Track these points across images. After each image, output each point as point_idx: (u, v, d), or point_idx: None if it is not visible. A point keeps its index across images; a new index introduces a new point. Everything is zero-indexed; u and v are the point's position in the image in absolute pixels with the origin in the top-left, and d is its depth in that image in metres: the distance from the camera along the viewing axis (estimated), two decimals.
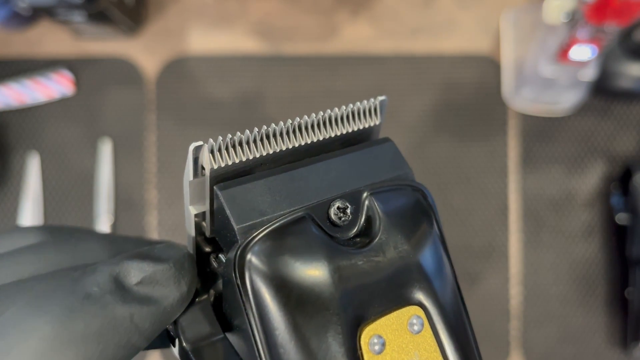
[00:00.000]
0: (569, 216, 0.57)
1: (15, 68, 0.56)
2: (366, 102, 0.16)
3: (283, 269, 0.12)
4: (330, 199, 0.14)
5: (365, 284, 0.13)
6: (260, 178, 0.14)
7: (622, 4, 0.41)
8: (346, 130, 0.15)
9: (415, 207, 0.15)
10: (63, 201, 0.56)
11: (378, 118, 0.16)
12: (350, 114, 0.16)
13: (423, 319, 0.14)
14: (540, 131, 0.57)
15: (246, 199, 0.14)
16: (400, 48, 0.57)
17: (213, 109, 0.56)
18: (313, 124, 0.15)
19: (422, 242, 0.14)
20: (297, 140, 0.15)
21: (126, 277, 0.13)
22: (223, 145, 0.14)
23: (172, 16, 0.57)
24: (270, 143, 0.15)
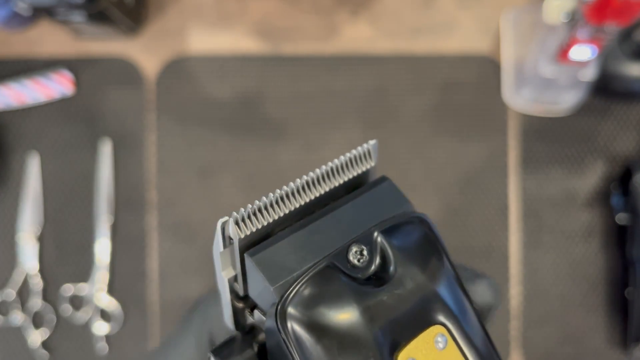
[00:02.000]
0: (569, 216, 0.57)
1: (15, 68, 0.56)
2: (360, 149, 0.18)
3: (320, 317, 0.14)
4: (347, 245, 0.16)
5: (392, 317, 0.15)
6: (283, 238, 0.16)
7: (622, 3, 0.41)
8: (347, 178, 0.17)
9: (422, 237, 0.17)
10: (63, 201, 0.56)
11: (372, 160, 0.19)
12: (348, 163, 0.18)
13: (446, 335, 0.15)
14: (540, 131, 0.57)
15: (275, 260, 0.15)
16: (400, 48, 0.57)
17: (213, 109, 0.56)
18: (318, 179, 0.17)
19: (434, 268, 0.16)
20: (307, 196, 0.17)
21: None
22: (245, 214, 0.16)
23: (172, 16, 0.57)
24: (285, 203, 0.17)
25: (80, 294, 0.56)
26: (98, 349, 0.55)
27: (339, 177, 0.17)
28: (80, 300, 0.56)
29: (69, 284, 0.56)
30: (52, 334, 0.55)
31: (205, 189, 0.56)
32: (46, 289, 0.56)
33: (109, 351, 0.55)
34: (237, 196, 0.56)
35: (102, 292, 0.55)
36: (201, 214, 0.56)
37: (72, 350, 0.56)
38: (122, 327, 0.56)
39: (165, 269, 0.56)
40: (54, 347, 0.56)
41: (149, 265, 0.56)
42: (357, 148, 0.18)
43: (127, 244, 0.56)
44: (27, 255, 0.55)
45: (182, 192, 0.56)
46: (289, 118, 0.56)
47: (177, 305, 0.56)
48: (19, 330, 0.56)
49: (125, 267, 0.56)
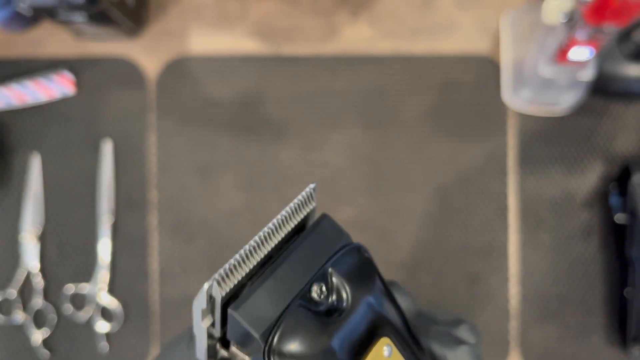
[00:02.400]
0: (568, 216, 0.57)
1: (17, 69, 0.57)
2: (302, 195, 0.21)
3: (297, 349, 0.18)
4: (308, 285, 0.19)
5: (353, 338, 0.18)
6: (255, 289, 0.19)
7: (621, 4, 0.41)
8: (295, 222, 0.21)
9: (362, 263, 0.21)
10: (64, 201, 0.56)
11: (313, 202, 0.21)
12: (295, 209, 0.21)
13: (391, 345, 0.19)
14: (539, 131, 0.57)
15: (254, 311, 0.18)
16: (400, 48, 0.57)
17: (213, 109, 0.56)
18: (274, 230, 0.20)
19: (374, 288, 0.20)
20: (268, 245, 0.20)
21: None
22: (224, 274, 0.19)
23: (173, 17, 0.57)
24: (252, 257, 0.19)
25: (81, 293, 0.56)
26: (99, 348, 0.56)
27: (289, 224, 0.20)
28: (81, 299, 0.56)
29: (70, 284, 0.56)
30: (53, 332, 0.56)
31: (205, 189, 0.56)
32: (47, 288, 0.56)
33: (110, 350, 0.56)
34: (237, 196, 0.56)
35: (103, 291, 0.56)
36: (201, 214, 0.56)
37: (73, 349, 0.56)
38: (122, 326, 0.56)
39: (166, 269, 0.56)
40: (55, 345, 0.56)
41: (149, 264, 0.56)
42: (299, 195, 0.21)
43: (128, 243, 0.56)
44: (29, 255, 0.55)
45: (182, 192, 0.56)
46: (289, 118, 0.56)
47: (178, 304, 0.56)
48: (21, 329, 0.56)
49: (126, 266, 0.56)
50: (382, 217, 0.56)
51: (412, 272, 0.56)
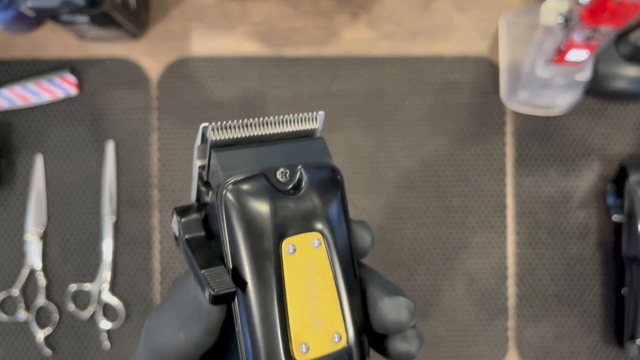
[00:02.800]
0: (566, 216, 0.57)
1: (20, 70, 0.57)
2: (310, 113, 0.24)
3: (243, 202, 0.21)
4: (277, 166, 0.22)
5: (289, 215, 0.21)
6: (239, 149, 0.23)
7: (618, 6, 0.41)
8: (294, 129, 0.23)
9: (329, 178, 0.23)
10: (65, 201, 0.56)
11: (317, 124, 0.24)
12: (298, 119, 0.23)
13: (321, 240, 0.22)
14: (537, 132, 0.57)
15: (230, 160, 0.22)
16: (399, 50, 0.57)
17: (214, 110, 0.57)
18: (276, 122, 0.23)
19: (330, 199, 0.23)
20: (266, 129, 0.23)
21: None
22: (222, 125, 0.22)
23: (175, 18, 0.57)
24: (249, 129, 0.23)
25: (84, 292, 0.56)
26: (101, 346, 0.56)
27: (289, 125, 0.23)
28: (83, 297, 0.56)
29: (72, 283, 0.56)
30: (55, 331, 0.56)
31: None
32: (50, 287, 0.56)
33: (112, 348, 0.56)
34: None
35: (105, 289, 0.56)
36: None
37: (75, 346, 0.56)
38: (124, 324, 0.56)
39: (167, 268, 0.56)
40: (57, 343, 0.56)
41: (151, 263, 0.56)
42: (307, 112, 0.24)
43: (130, 243, 0.56)
44: (31, 254, 0.56)
45: (184, 191, 0.57)
46: None
47: None
48: (23, 327, 0.56)
49: (128, 265, 0.56)
50: (381, 216, 0.57)
51: (411, 271, 0.57)
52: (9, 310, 0.56)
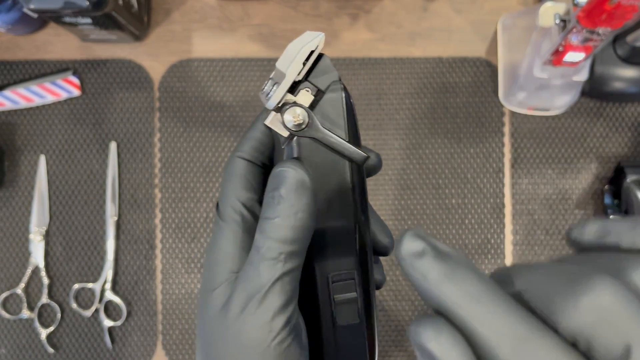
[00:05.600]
0: (564, 215, 0.58)
1: (23, 71, 0.58)
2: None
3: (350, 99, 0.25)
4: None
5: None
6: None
7: (616, 7, 0.42)
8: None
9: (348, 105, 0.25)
10: (68, 201, 0.57)
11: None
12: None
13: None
14: (535, 132, 0.58)
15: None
16: (399, 51, 0.58)
17: (215, 111, 0.57)
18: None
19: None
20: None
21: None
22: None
23: (176, 20, 0.58)
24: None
25: (86, 291, 0.57)
26: (102, 344, 0.57)
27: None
28: (85, 296, 0.57)
29: (75, 281, 0.57)
30: (58, 329, 0.57)
31: (208, 189, 0.57)
32: (52, 286, 0.57)
33: (114, 346, 0.57)
34: None
35: (107, 288, 0.56)
36: (204, 214, 0.57)
37: (77, 345, 0.57)
38: (126, 322, 0.57)
39: (169, 267, 0.57)
40: (60, 342, 0.57)
41: (153, 262, 0.57)
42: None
43: (132, 242, 0.57)
44: (35, 253, 0.56)
45: (185, 192, 0.57)
46: None
47: (180, 302, 0.57)
48: (26, 325, 0.57)
49: (130, 264, 0.57)
50: (380, 216, 0.57)
51: None
52: (12, 309, 0.57)
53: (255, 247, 0.23)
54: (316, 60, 0.25)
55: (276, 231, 0.22)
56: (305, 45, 0.24)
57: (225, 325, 0.22)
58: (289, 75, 0.24)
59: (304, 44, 0.24)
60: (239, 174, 0.25)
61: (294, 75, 0.24)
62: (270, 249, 0.22)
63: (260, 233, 0.23)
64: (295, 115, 0.24)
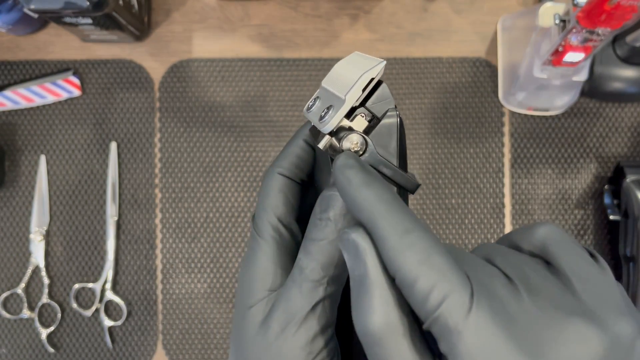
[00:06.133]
0: (563, 215, 0.58)
1: (24, 71, 0.58)
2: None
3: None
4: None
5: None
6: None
7: (615, 8, 0.42)
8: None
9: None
10: (69, 201, 0.57)
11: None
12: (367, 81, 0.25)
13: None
14: (534, 132, 0.58)
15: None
16: (399, 52, 0.58)
17: (215, 111, 0.57)
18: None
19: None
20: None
21: None
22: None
23: (177, 20, 0.58)
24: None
25: (86, 290, 0.57)
26: (103, 344, 0.57)
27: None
28: (85, 296, 0.57)
29: (75, 281, 0.57)
30: (58, 329, 0.57)
31: (208, 189, 0.57)
32: (53, 286, 0.57)
33: (114, 346, 0.57)
34: (240, 196, 0.57)
35: (107, 288, 0.57)
36: (204, 214, 0.57)
37: (77, 344, 0.57)
38: (126, 322, 0.57)
39: (169, 267, 0.57)
40: (60, 341, 0.57)
41: (153, 262, 0.57)
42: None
43: (132, 242, 0.57)
44: (34, 253, 0.57)
45: (186, 192, 0.57)
46: (290, 120, 0.57)
47: (180, 302, 0.57)
48: (27, 325, 0.57)
49: (130, 264, 0.57)
50: None
51: None
52: (13, 309, 0.57)
53: (298, 267, 0.23)
54: (375, 87, 0.25)
55: (322, 254, 0.22)
56: (366, 72, 0.24)
57: (264, 344, 0.22)
58: (348, 101, 0.24)
59: (364, 70, 0.24)
60: (277, 190, 0.25)
61: (353, 102, 0.24)
62: (314, 270, 0.22)
63: (305, 254, 0.23)
64: (353, 143, 0.24)
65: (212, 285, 0.57)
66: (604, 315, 0.18)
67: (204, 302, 0.57)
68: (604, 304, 0.19)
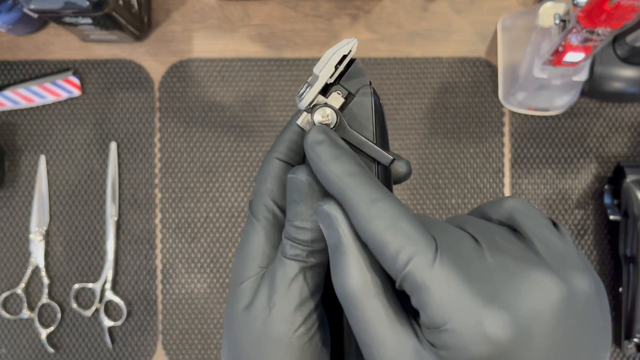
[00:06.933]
0: (563, 215, 0.58)
1: (24, 71, 0.58)
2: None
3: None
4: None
5: None
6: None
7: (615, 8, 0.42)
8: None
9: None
10: (68, 201, 0.57)
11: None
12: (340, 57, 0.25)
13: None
14: (534, 132, 0.58)
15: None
16: (398, 51, 0.58)
17: (215, 111, 0.57)
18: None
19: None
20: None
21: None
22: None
23: (176, 20, 0.58)
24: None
25: (86, 291, 0.57)
26: (102, 344, 0.57)
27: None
28: (85, 296, 0.57)
29: (74, 281, 0.57)
30: (57, 329, 0.57)
31: (208, 189, 0.57)
32: (52, 286, 0.57)
33: (113, 346, 0.57)
34: (240, 196, 0.57)
35: (107, 288, 0.57)
36: (204, 214, 0.57)
37: (77, 344, 0.57)
38: (126, 322, 0.57)
39: (169, 267, 0.57)
40: (60, 342, 0.57)
41: (153, 262, 0.57)
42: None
43: (132, 242, 0.57)
44: (34, 253, 0.57)
45: (186, 191, 0.57)
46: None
47: (180, 302, 0.57)
48: (26, 325, 0.57)
49: (130, 264, 0.57)
50: None
51: None
52: (12, 309, 0.57)
53: (280, 246, 0.24)
54: (349, 65, 0.26)
55: (296, 233, 0.23)
56: (338, 50, 0.25)
57: (250, 318, 0.23)
58: (321, 77, 0.25)
59: (337, 49, 0.25)
60: (274, 174, 0.26)
61: (326, 78, 0.25)
62: (293, 246, 0.23)
63: (284, 234, 0.24)
64: (324, 115, 0.25)
65: (212, 285, 0.57)
66: (563, 270, 0.20)
67: (204, 302, 0.57)
68: (564, 262, 0.21)
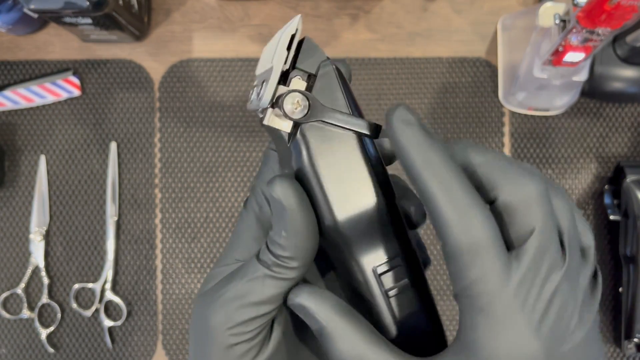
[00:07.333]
0: None
1: (24, 71, 0.58)
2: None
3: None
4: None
5: None
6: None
7: (615, 8, 0.42)
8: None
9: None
10: (68, 201, 0.57)
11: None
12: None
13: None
14: (534, 132, 0.58)
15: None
16: (398, 51, 0.58)
17: (215, 111, 0.57)
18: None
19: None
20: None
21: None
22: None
23: (177, 20, 0.58)
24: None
25: (86, 291, 0.57)
26: (102, 344, 0.57)
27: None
28: (85, 296, 0.57)
29: (74, 281, 0.57)
30: (57, 329, 0.57)
31: (208, 189, 0.57)
32: (52, 286, 0.57)
33: (113, 346, 0.57)
34: (240, 196, 0.57)
35: (107, 288, 0.57)
36: (204, 214, 0.57)
37: (77, 344, 0.57)
38: (126, 322, 0.57)
39: (169, 267, 0.57)
40: (60, 342, 0.57)
41: (153, 262, 0.57)
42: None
43: (131, 242, 0.57)
44: (34, 253, 0.57)
45: (186, 191, 0.57)
46: None
47: (180, 302, 0.57)
48: (26, 325, 0.57)
49: (129, 264, 0.57)
50: None
51: None
52: (12, 309, 0.57)
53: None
54: (300, 45, 0.23)
55: (270, 242, 0.22)
56: (284, 32, 0.22)
57: (203, 302, 0.23)
58: (275, 65, 0.22)
59: (282, 33, 0.22)
60: (270, 167, 0.26)
61: (281, 64, 0.22)
62: (264, 252, 0.23)
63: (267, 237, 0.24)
64: (294, 102, 0.22)
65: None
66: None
67: None
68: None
